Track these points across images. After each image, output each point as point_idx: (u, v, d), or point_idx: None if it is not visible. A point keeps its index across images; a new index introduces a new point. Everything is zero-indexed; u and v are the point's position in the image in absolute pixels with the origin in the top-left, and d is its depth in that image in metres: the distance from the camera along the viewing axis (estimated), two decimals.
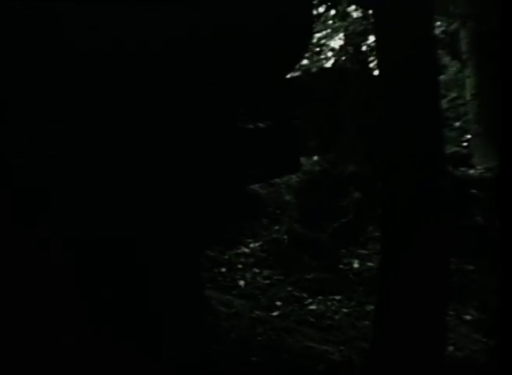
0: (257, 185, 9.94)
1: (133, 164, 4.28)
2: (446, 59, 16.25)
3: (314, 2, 13.92)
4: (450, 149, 12.69)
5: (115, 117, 4.13)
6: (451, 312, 7.43)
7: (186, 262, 4.98)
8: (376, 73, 10.38)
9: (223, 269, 8.34)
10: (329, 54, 15.92)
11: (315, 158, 11.21)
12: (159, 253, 4.58)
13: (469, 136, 14.36)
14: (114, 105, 4.11)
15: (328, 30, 16.29)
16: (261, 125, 5.01)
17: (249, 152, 5.05)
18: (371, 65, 13.93)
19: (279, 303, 7.72)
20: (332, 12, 14.25)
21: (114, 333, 4.26)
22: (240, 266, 8.59)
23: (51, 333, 3.97)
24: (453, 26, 13.88)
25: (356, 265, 9.18)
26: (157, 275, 4.57)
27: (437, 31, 13.00)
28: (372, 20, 8.42)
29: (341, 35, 14.13)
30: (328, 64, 15.21)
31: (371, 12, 9.68)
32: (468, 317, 8.05)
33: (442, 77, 15.03)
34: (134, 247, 4.40)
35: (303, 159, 10.02)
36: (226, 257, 8.69)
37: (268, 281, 8.30)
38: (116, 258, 4.30)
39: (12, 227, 3.88)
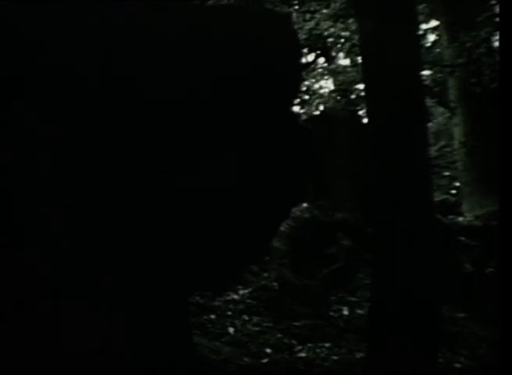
0: None
1: (125, 208, 4.29)
2: (434, 108, 16.40)
3: (304, 51, 14.08)
4: (439, 197, 12.75)
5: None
6: (441, 360, 7.39)
7: (173, 308, 4.96)
8: (365, 120, 10.45)
9: (212, 316, 8.29)
10: (318, 101, 16.05)
11: (305, 204, 11.23)
12: (147, 299, 4.57)
13: (458, 184, 14.44)
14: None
15: (318, 78, 16.46)
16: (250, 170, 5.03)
17: (239, 199, 5.07)
18: (361, 113, 14.04)
19: (268, 350, 7.66)
20: (322, 60, 14.41)
21: None
22: (229, 313, 8.55)
23: None
24: (442, 76, 14.03)
25: (346, 312, 9.14)
26: (144, 321, 4.55)
27: (426, 80, 13.14)
28: (361, 69, 8.51)
29: (330, 83, 14.26)
30: (317, 111, 15.33)
31: (360, 60, 9.79)
32: (458, 365, 8.00)
33: (430, 125, 15.16)
34: (122, 291, 4.39)
35: None
36: (216, 303, 8.64)
37: (257, 328, 8.25)
38: (104, 304, 4.29)
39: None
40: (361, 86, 13.31)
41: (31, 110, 3.92)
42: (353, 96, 14.43)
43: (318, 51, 14.34)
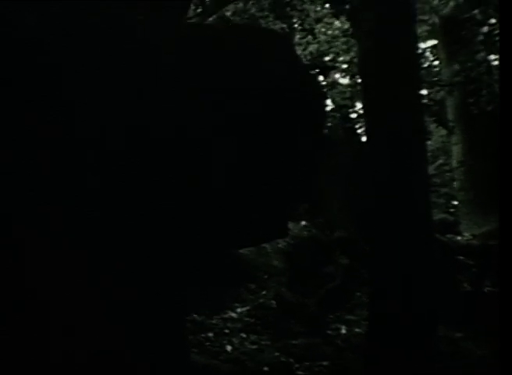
0: (244, 249, 9.93)
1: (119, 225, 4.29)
2: (432, 126, 16.45)
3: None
4: (437, 216, 12.75)
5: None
6: None
7: (171, 326, 4.95)
8: (364, 139, 10.49)
9: (210, 334, 8.27)
10: None
11: (303, 223, 11.24)
12: (144, 315, 4.56)
13: (456, 202, 14.46)
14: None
15: None
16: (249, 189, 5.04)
17: (237, 216, 5.07)
18: (359, 131, 14.07)
19: (266, 368, 7.64)
20: (320, 78, 14.44)
21: None
22: (226, 331, 8.53)
23: None
24: (440, 95, 14.09)
25: (343, 331, 9.12)
26: (141, 338, 4.54)
27: (424, 99, 13.18)
28: (361, 87, 8.56)
29: (329, 102, 14.29)
30: None
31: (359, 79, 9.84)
32: None
33: (429, 144, 15.20)
34: (119, 308, 4.38)
35: (291, 224, 10.05)
36: (213, 322, 8.63)
37: (255, 346, 8.23)
38: (100, 322, 4.28)
39: None
40: (360, 104, 13.36)
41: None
42: (352, 115, 14.46)
43: (317, 70, 14.37)
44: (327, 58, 14.37)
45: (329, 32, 14.01)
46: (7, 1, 3.92)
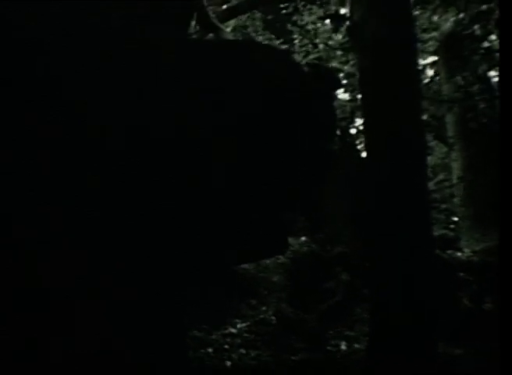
0: (245, 265, 9.92)
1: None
2: (433, 143, 16.48)
3: None
4: (437, 231, 12.74)
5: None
6: None
7: (171, 339, 4.94)
8: (364, 154, 10.51)
9: (210, 350, 8.25)
10: None
11: (303, 238, 11.24)
12: (145, 329, 4.56)
13: (456, 218, 14.45)
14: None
15: None
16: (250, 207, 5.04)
17: (238, 231, 5.07)
18: (359, 147, 14.09)
19: None
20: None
21: None
22: (226, 347, 8.50)
23: None
24: (440, 111, 14.12)
25: (343, 347, 9.10)
26: (142, 352, 4.54)
27: (424, 115, 13.21)
28: (360, 103, 8.58)
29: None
30: None
31: (359, 95, 9.87)
32: None
33: (429, 160, 15.21)
34: (119, 327, 4.38)
35: (291, 240, 10.05)
36: (213, 337, 8.61)
37: (255, 362, 8.20)
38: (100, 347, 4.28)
39: None
40: (360, 120, 13.38)
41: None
42: (352, 130, 14.49)
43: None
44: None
45: (330, 42, 14.03)
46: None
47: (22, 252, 3.98)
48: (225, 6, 12.21)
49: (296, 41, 14.35)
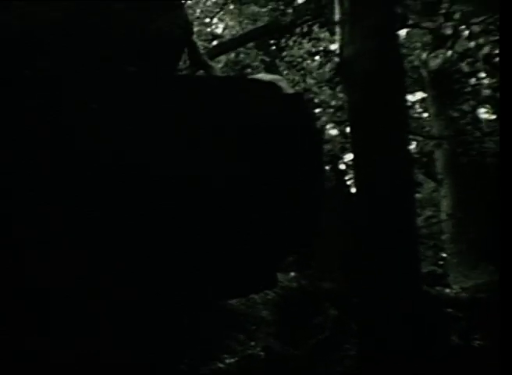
0: (233, 300, 9.89)
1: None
2: (421, 178, 16.53)
3: None
4: (426, 268, 12.74)
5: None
6: None
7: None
8: (353, 190, 10.53)
9: None
10: None
11: (292, 274, 11.21)
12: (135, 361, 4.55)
13: (444, 255, 14.45)
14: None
15: None
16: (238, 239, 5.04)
17: (227, 267, 5.07)
18: (349, 182, 14.11)
19: None
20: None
21: None
22: None
23: None
24: (429, 147, 14.19)
25: None
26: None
27: (413, 151, 13.27)
28: (350, 138, 8.62)
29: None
30: None
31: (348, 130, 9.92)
32: None
33: (417, 196, 15.25)
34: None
35: (280, 275, 10.02)
36: (202, 372, 8.55)
37: None
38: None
39: None
40: (350, 156, 13.41)
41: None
42: (341, 166, 14.52)
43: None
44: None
45: (318, 77, 14.10)
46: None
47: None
48: (215, 42, 12.31)
49: (284, 74, 14.44)
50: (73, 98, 4.05)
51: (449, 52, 12.15)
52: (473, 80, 13.07)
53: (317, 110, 14.19)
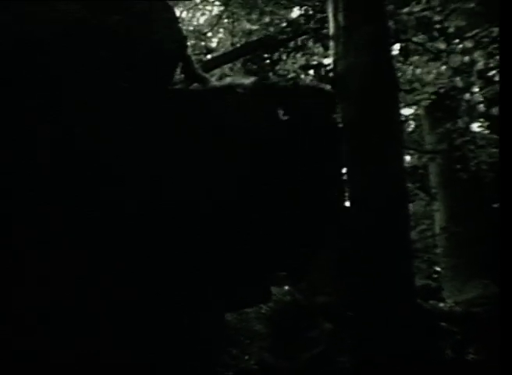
0: (227, 314, 9.86)
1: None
2: (415, 192, 16.53)
3: None
4: (420, 281, 12.73)
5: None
6: None
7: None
8: (347, 204, 10.52)
9: None
10: None
11: (286, 288, 11.19)
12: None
13: (438, 269, 14.45)
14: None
15: None
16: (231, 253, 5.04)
17: (220, 282, 5.07)
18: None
19: None
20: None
21: None
22: None
23: None
24: (423, 161, 14.21)
25: None
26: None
27: (407, 165, 13.28)
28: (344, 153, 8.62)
29: None
30: None
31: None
32: None
33: (411, 209, 15.25)
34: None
35: (274, 289, 10.00)
36: None
37: None
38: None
39: None
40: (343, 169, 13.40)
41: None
42: None
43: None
44: None
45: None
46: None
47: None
48: (209, 56, 12.32)
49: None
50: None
51: (443, 67, 12.20)
52: (467, 96, 13.10)
53: None
